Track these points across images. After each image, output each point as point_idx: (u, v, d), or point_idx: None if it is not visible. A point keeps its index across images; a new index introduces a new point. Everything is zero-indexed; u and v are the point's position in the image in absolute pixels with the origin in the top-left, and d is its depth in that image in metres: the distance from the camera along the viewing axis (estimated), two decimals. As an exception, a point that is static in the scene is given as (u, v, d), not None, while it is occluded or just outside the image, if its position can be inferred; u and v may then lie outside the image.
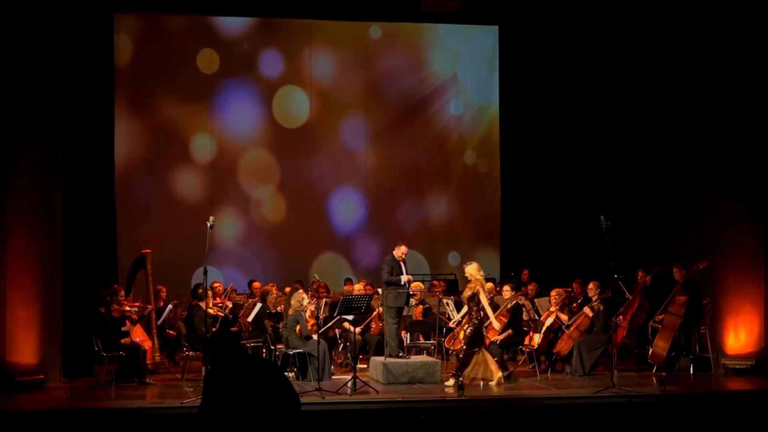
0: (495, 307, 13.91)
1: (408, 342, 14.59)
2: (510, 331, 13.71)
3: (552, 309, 14.03)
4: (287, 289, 14.68)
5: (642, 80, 16.98)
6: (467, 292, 12.90)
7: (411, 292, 13.85)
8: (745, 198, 14.10)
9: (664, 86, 16.28)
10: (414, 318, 14.83)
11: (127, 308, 13.44)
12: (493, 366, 12.79)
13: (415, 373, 12.88)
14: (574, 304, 14.27)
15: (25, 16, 12.88)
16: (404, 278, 13.41)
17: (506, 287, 14.09)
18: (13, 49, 12.84)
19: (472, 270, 12.98)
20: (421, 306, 15.00)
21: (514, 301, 13.87)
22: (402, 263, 13.49)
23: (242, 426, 6.12)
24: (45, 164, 13.15)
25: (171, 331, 14.60)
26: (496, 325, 13.28)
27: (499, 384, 12.63)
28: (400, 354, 13.31)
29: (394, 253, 13.56)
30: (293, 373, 13.43)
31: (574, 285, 14.95)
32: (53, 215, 13.26)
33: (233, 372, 6.25)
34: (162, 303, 14.55)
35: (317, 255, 18.42)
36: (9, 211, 12.74)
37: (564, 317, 13.89)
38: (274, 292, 15.07)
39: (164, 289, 14.79)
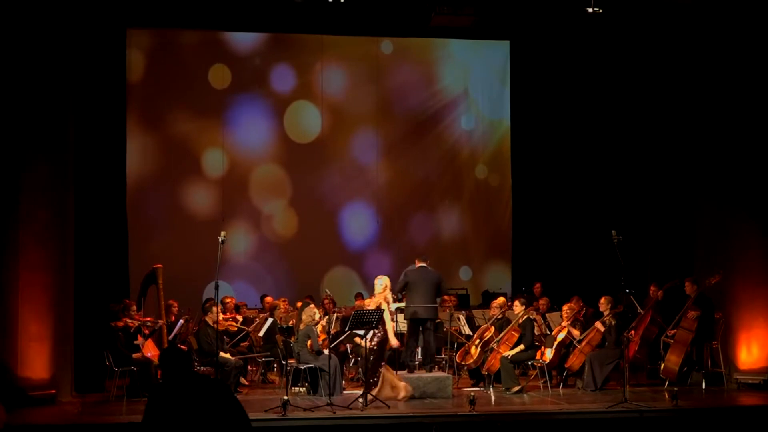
0: (507, 322, 13.92)
1: (420, 357, 14.57)
2: (521, 346, 13.69)
3: (563, 324, 14.00)
4: (299, 304, 14.69)
5: (653, 94, 16.99)
6: (372, 306, 12.86)
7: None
8: (758, 212, 14.05)
9: (676, 100, 16.28)
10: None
11: (138, 322, 13.46)
12: (396, 381, 12.76)
13: (427, 388, 12.87)
14: (581, 317, 14.25)
15: (36, 33, 12.95)
16: None
17: (516, 302, 14.04)
18: (26, 64, 12.92)
19: (387, 281, 13.05)
20: (432, 320, 14.98)
21: (526, 316, 13.84)
22: None
23: None
24: (57, 179, 13.20)
25: (182, 346, 14.60)
26: (394, 342, 13.14)
27: (404, 398, 12.53)
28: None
29: None
30: (304, 388, 13.43)
31: (573, 299, 14.90)
32: (65, 230, 13.31)
33: (179, 391, 6.17)
34: (173, 318, 14.56)
35: (328, 269, 18.43)
36: (21, 226, 12.79)
37: (576, 332, 13.86)
38: (282, 306, 15.11)
39: (176, 304, 14.79)
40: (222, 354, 13.11)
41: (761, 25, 13.97)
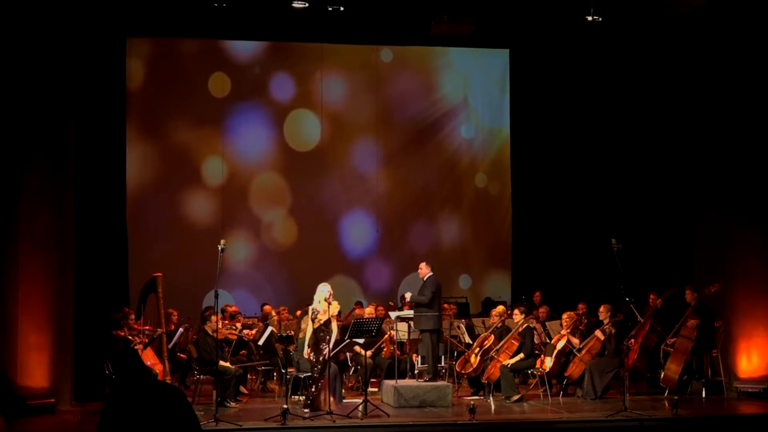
0: (506, 330, 13.91)
1: (419, 365, 14.55)
2: (521, 354, 13.68)
3: (563, 332, 14.00)
4: (298, 313, 14.68)
5: (653, 102, 17.00)
6: (324, 316, 12.64)
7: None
8: (758, 221, 14.06)
9: (675, 108, 16.30)
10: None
11: (138, 332, 13.45)
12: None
13: (426, 397, 12.85)
14: (581, 326, 14.24)
15: (38, 40, 12.97)
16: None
17: (516, 311, 14.03)
18: (26, 73, 12.93)
19: (330, 288, 12.76)
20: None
21: (525, 325, 13.83)
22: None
23: None
24: (57, 188, 13.20)
25: (182, 355, 14.58)
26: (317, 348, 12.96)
27: None
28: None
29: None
30: (304, 397, 13.39)
31: (579, 306, 14.91)
32: (65, 239, 13.31)
33: (135, 396, 6.16)
34: (173, 326, 14.54)
35: (328, 278, 18.15)
36: (21, 234, 12.78)
37: (575, 340, 13.85)
38: (274, 313, 15.08)
39: (175, 313, 14.78)
40: (221, 363, 13.08)
41: (759, 32, 13.99)
